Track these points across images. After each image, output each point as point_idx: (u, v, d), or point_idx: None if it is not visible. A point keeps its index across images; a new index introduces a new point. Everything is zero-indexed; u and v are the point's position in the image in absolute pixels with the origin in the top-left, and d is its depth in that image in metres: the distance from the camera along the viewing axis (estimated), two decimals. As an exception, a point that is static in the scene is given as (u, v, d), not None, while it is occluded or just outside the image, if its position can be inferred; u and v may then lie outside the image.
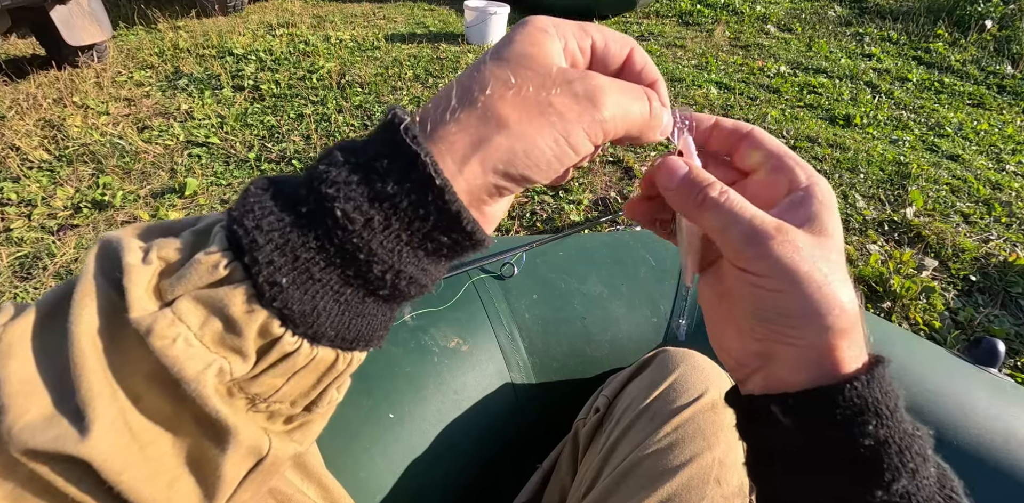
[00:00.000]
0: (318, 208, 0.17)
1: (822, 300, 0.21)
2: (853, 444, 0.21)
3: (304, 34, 2.98)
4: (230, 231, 0.18)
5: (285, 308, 0.18)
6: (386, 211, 0.18)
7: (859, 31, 3.70)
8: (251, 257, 0.17)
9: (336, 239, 0.17)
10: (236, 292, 0.17)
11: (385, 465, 0.52)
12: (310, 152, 1.88)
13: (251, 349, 0.18)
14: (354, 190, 0.17)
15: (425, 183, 0.17)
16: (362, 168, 0.18)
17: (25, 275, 1.32)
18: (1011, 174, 2.13)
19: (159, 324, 0.17)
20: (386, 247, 0.18)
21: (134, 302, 0.17)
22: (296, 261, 0.17)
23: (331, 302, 0.18)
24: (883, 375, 0.22)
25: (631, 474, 0.47)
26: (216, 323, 0.17)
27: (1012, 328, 1.38)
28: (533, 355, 0.64)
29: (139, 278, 0.17)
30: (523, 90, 0.19)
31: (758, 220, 0.22)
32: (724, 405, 0.50)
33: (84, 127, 1.96)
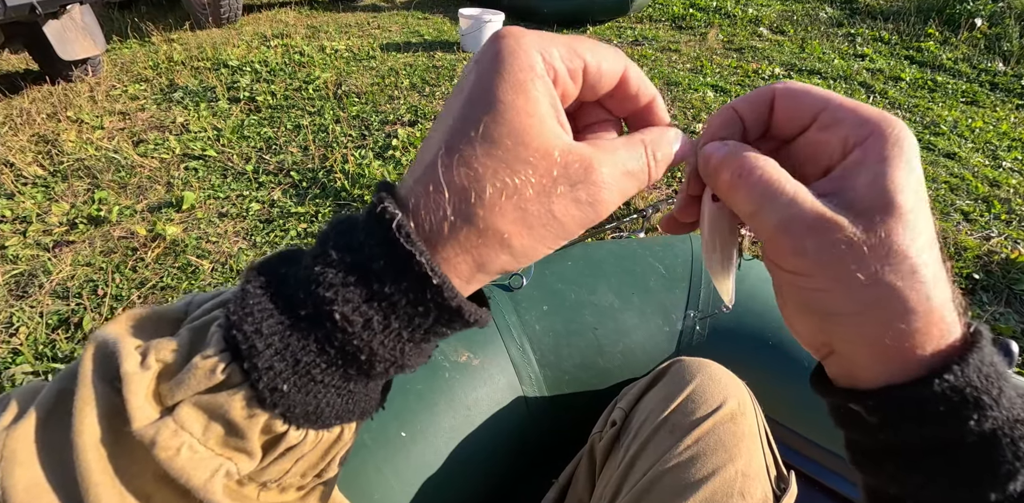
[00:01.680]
0: (316, 311, 0.17)
1: (879, 298, 0.18)
2: (954, 441, 0.18)
3: (299, 45, 2.98)
4: (228, 334, 0.18)
5: (287, 412, 0.18)
6: (385, 311, 0.17)
7: (851, 32, 3.74)
8: (251, 363, 0.17)
9: (336, 342, 0.17)
10: (235, 397, 0.17)
11: (399, 485, 0.51)
12: (308, 163, 1.87)
13: (256, 448, 0.18)
14: (351, 292, 0.17)
15: (422, 283, 0.17)
16: (358, 269, 0.17)
17: (21, 293, 1.30)
18: (1008, 171, 2.14)
19: (162, 435, 0.17)
20: (387, 346, 0.18)
21: (135, 412, 0.17)
22: (297, 365, 0.17)
23: (334, 397, 0.19)
24: (981, 358, 0.18)
25: (652, 490, 0.46)
26: (218, 428, 0.17)
27: (1018, 325, 1.38)
28: (545, 368, 0.63)
29: (138, 387, 0.17)
30: (524, 196, 0.17)
31: (797, 206, 0.19)
32: (743, 415, 0.50)
33: (79, 142, 1.95)
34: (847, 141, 0.20)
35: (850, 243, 0.18)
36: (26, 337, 1.18)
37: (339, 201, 1.69)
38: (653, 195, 1.80)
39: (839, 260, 0.18)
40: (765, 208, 0.19)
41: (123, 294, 1.31)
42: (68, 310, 1.26)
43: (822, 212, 0.19)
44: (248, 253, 1.48)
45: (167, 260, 1.43)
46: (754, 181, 0.20)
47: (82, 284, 1.34)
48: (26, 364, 1.12)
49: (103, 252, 1.45)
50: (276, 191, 1.74)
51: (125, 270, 1.38)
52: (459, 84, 0.19)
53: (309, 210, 1.65)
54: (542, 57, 0.18)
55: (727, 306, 0.28)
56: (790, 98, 0.22)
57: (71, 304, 1.28)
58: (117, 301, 1.30)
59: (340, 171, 1.78)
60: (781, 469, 0.49)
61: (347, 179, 1.75)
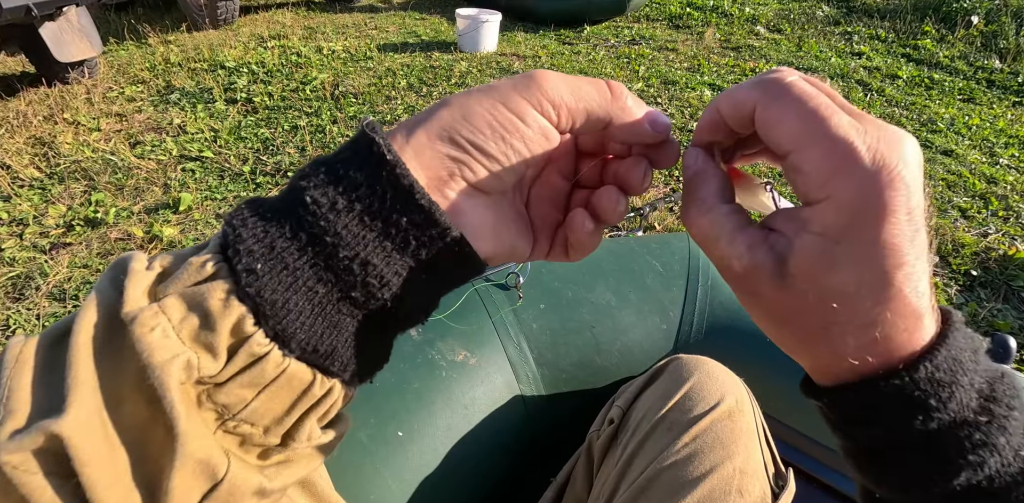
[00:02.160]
0: (293, 198, 0.19)
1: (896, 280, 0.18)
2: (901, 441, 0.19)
3: (296, 46, 2.98)
4: (222, 233, 0.20)
5: (259, 296, 0.18)
6: (348, 194, 0.19)
7: (848, 30, 3.74)
8: (234, 248, 0.19)
9: (306, 224, 0.19)
10: (216, 286, 0.18)
11: (396, 485, 0.51)
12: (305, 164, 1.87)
13: (222, 346, 0.18)
14: (321, 177, 0.19)
15: (379, 162, 0.19)
16: (330, 161, 0.20)
17: (18, 296, 1.30)
18: (1005, 167, 2.14)
19: (143, 314, 0.18)
20: (351, 231, 0.19)
21: (129, 300, 0.18)
22: (272, 250, 0.19)
23: (303, 300, 0.19)
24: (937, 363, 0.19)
25: (650, 488, 0.45)
26: (194, 319, 0.18)
27: (1016, 321, 1.38)
28: (542, 366, 0.62)
29: (138, 281, 0.19)
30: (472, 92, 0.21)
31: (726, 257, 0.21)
32: (741, 412, 0.49)
33: (75, 144, 1.94)
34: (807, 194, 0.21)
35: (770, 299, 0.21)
36: (23, 339, 1.18)
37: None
38: (651, 194, 1.79)
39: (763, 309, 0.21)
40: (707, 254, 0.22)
41: (120, 296, 1.31)
42: (65, 312, 1.26)
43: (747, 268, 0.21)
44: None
45: (164, 262, 1.43)
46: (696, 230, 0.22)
47: (79, 286, 1.33)
48: (23, 367, 1.11)
49: (100, 254, 1.45)
50: (273, 192, 1.74)
51: (122, 272, 1.38)
52: None
53: (306, 211, 1.65)
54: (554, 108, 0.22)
55: None
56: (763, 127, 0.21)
57: (68, 306, 1.28)
58: (114, 303, 1.30)
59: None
60: (779, 466, 0.49)
61: (344, 179, 1.75)
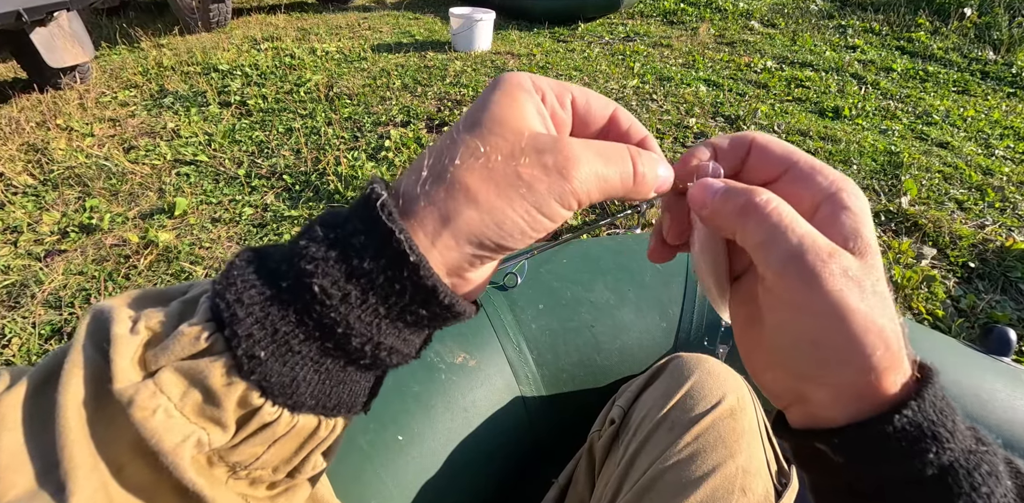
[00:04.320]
0: (297, 283, 0.18)
1: (867, 339, 0.19)
2: (914, 477, 0.19)
3: (289, 47, 2.97)
4: (213, 303, 0.18)
5: (264, 381, 0.18)
6: (363, 286, 0.18)
7: (842, 24, 3.74)
8: (231, 330, 0.18)
9: (314, 314, 0.18)
10: (216, 364, 0.18)
11: (397, 490, 0.50)
12: (301, 166, 1.86)
13: (230, 420, 0.18)
14: (332, 266, 0.18)
15: (400, 259, 0.18)
16: (340, 244, 0.18)
17: (13, 304, 1.29)
18: (1000, 159, 2.14)
19: (140, 395, 0.17)
20: (364, 321, 0.18)
21: (118, 373, 0.17)
22: (275, 334, 0.18)
23: (311, 373, 0.19)
24: (935, 393, 0.19)
25: (653, 488, 0.45)
26: (196, 394, 0.18)
27: (1014, 313, 1.38)
28: (542, 367, 0.62)
29: (125, 349, 0.18)
30: (492, 160, 0.19)
31: (809, 239, 0.19)
32: (743, 411, 0.49)
33: (69, 150, 1.93)
34: (816, 196, 0.22)
35: (853, 276, 0.19)
36: (19, 348, 1.17)
37: (332, 203, 1.68)
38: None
39: (847, 294, 0.19)
40: (779, 237, 0.20)
41: (117, 302, 1.30)
42: (61, 320, 1.25)
43: (835, 246, 0.20)
44: (242, 258, 1.48)
45: (160, 267, 1.42)
46: (770, 211, 0.20)
47: (75, 293, 1.32)
48: (20, 375, 1.11)
49: (95, 260, 1.44)
50: (269, 195, 1.73)
51: (118, 278, 1.37)
52: None
53: (303, 213, 1.64)
54: (533, 82, 0.21)
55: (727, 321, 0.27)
56: (765, 151, 0.24)
57: (64, 314, 1.27)
58: (111, 309, 1.29)
59: (333, 173, 1.77)
60: (782, 464, 0.48)
61: (340, 181, 1.74)
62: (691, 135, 2.15)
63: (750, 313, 0.24)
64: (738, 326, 0.25)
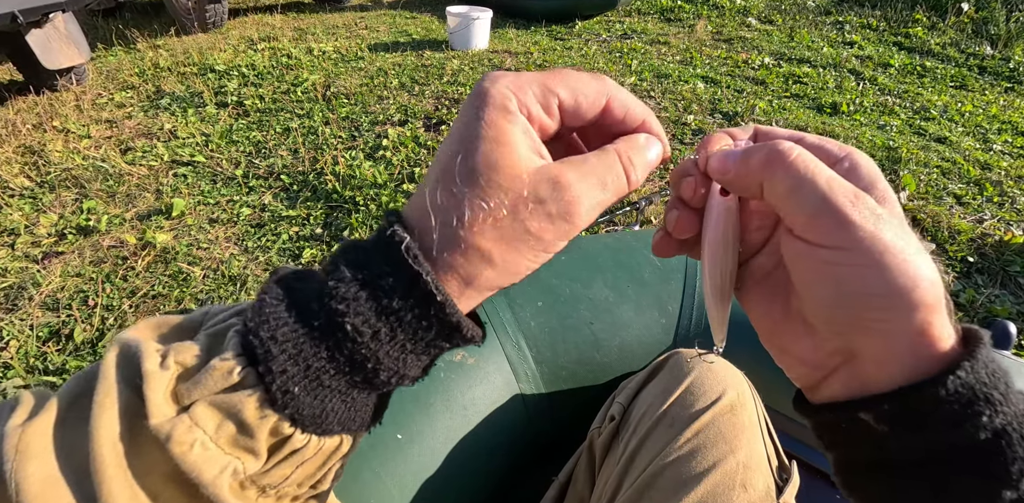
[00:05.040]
0: (329, 322, 0.19)
1: (908, 272, 0.18)
2: (967, 442, 0.18)
3: (286, 47, 2.96)
4: (245, 339, 0.19)
5: (296, 413, 0.19)
6: (392, 324, 0.19)
7: (839, 20, 3.74)
8: (266, 366, 0.18)
9: (346, 350, 0.19)
10: (249, 398, 0.18)
11: (396, 489, 0.50)
12: (298, 166, 1.86)
13: (263, 448, 0.19)
14: (362, 305, 0.19)
15: (427, 299, 0.19)
16: (369, 285, 0.19)
17: (11, 306, 1.29)
18: (998, 153, 2.14)
19: (177, 430, 0.18)
20: (392, 356, 0.19)
21: (153, 409, 0.18)
22: (308, 370, 0.19)
23: (339, 403, 0.20)
24: (986, 354, 0.18)
25: (653, 485, 0.45)
26: (230, 426, 0.19)
27: (1014, 307, 1.38)
28: (541, 364, 0.62)
29: (158, 384, 0.18)
30: (498, 218, 0.19)
31: (836, 182, 0.20)
32: (743, 406, 0.49)
33: (66, 151, 1.92)
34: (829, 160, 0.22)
35: (880, 215, 0.19)
36: (16, 350, 1.17)
37: (330, 203, 1.67)
38: (646, 188, 1.79)
39: (881, 230, 0.19)
40: (807, 182, 0.20)
41: (114, 304, 1.30)
42: (58, 322, 1.25)
43: (857, 188, 0.20)
44: (240, 258, 1.47)
45: (158, 268, 1.42)
46: (795, 158, 0.20)
47: (72, 295, 1.32)
48: (17, 378, 1.10)
49: (93, 262, 1.43)
50: (267, 195, 1.72)
51: (116, 279, 1.37)
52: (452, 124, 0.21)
53: (301, 213, 1.64)
54: (516, 98, 0.20)
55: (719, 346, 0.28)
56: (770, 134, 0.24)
57: (61, 316, 1.26)
58: (108, 311, 1.28)
59: (331, 173, 1.77)
60: (783, 459, 0.48)
61: (338, 181, 1.74)
62: (689, 132, 2.15)
63: (770, 289, 0.24)
64: (757, 308, 0.25)
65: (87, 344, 1.20)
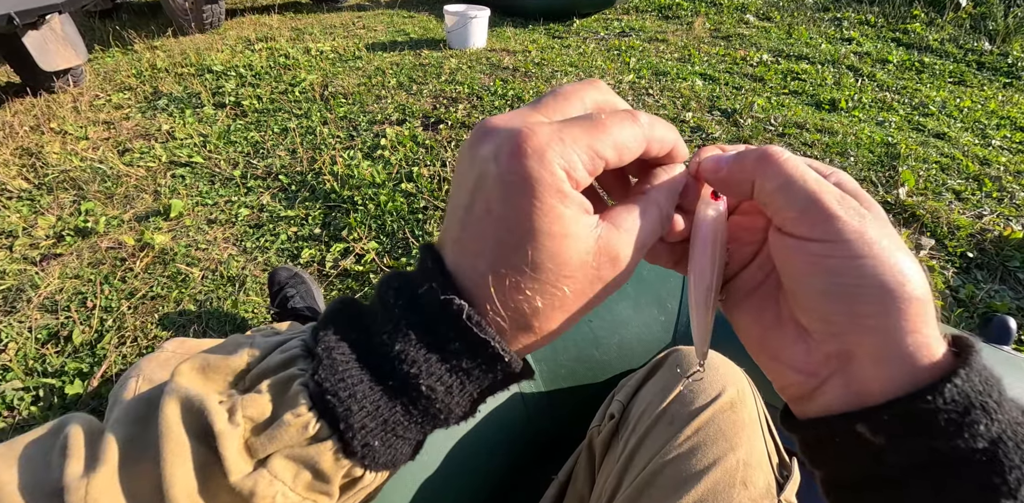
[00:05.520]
0: (403, 384, 0.20)
1: (898, 267, 0.19)
2: (964, 451, 0.18)
3: (284, 47, 2.95)
4: (316, 393, 0.20)
5: (373, 463, 0.20)
6: (462, 379, 0.20)
7: (837, 16, 3.73)
8: (346, 424, 0.19)
9: (420, 405, 0.20)
10: (325, 450, 0.20)
11: (395, 488, 0.50)
12: (296, 166, 1.85)
13: (336, 489, 0.21)
14: (433, 367, 0.20)
15: (494, 359, 0.20)
16: (437, 349, 0.20)
17: (9, 308, 1.29)
18: (997, 149, 2.14)
19: (260, 486, 0.19)
20: (462, 405, 0.21)
21: (231, 466, 0.19)
22: (386, 424, 0.20)
23: (408, 448, 0.22)
24: (980, 361, 0.19)
25: (653, 483, 0.45)
26: (307, 475, 0.20)
27: (1013, 302, 1.38)
28: (540, 363, 0.62)
29: (231, 443, 0.19)
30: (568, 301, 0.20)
31: (824, 183, 0.21)
32: (743, 403, 0.49)
33: (63, 153, 1.92)
34: None
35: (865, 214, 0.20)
36: (15, 353, 1.17)
37: (329, 203, 1.67)
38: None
39: (867, 226, 0.20)
40: (797, 180, 0.21)
41: (112, 306, 1.30)
42: (57, 324, 1.25)
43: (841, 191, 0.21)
44: (238, 259, 1.47)
45: (156, 269, 1.41)
46: (786, 158, 0.22)
47: (71, 297, 1.32)
48: (16, 380, 1.10)
49: (91, 264, 1.43)
50: (265, 195, 1.72)
51: (114, 281, 1.36)
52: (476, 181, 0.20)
53: (299, 213, 1.63)
54: (567, 176, 0.19)
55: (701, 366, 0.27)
56: None
57: (60, 318, 1.26)
58: (107, 313, 1.28)
59: (329, 173, 1.76)
60: (783, 456, 0.48)
61: (336, 181, 1.74)
62: (688, 129, 2.14)
63: (760, 299, 0.24)
64: (746, 317, 0.25)
65: (86, 346, 1.20)
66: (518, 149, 0.18)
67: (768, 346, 0.23)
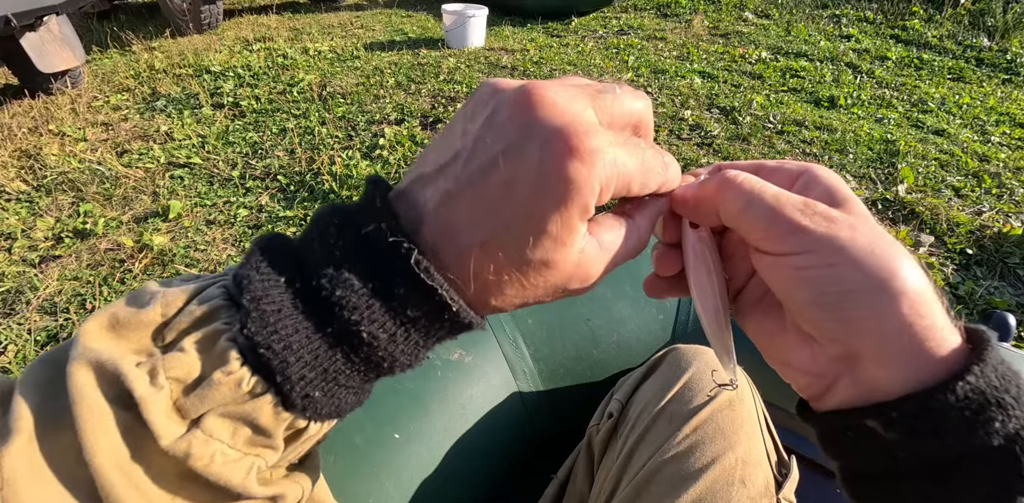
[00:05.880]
0: (344, 330, 0.19)
1: (880, 264, 0.19)
2: (979, 448, 0.18)
3: (282, 48, 2.95)
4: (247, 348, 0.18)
5: (315, 414, 0.20)
6: (407, 327, 0.19)
7: (836, 13, 3.73)
8: (283, 376, 0.18)
9: (362, 353, 0.19)
10: (263, 405, 0.19)
11: (395, 489, 0.50)
12: (295, 166, 1.85)
13: (279, 442, 0.20)
14: (376, 313, 0.19)
15: (441, 308, 0.19)
16: (381, 295, 0.19)
17: (8, 311, 1.29)
18: (996, 145, 2.14)
19: (195, 447, 0.18)
20: (406, 353, 0.20)
21: (161, 430, 0.18)
22: (325, 373, 0.19)
23: (351, 396, 0.21)
24: (995, 356, 0.18)
25: (652, 481, 0.45)
26: (245, 430, 0.19)
27: (1013, 299, 1.38)
28: (539, 362, 0.62)
29: (157, 406, 0.18)
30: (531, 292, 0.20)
31: (783, 196, 0.21)
32: (741, 401, 0.49)
33: (62, 155, 1.92)
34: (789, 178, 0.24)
35: (835, 217, 0.20)
36: (14, 355, 1.17)
37: (327, 203, 1.67)
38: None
39: (836, 230, 0.20)
40: (755, 200, 0.21)
41: (113, 307, 1.30)
42: (56, 326, 1.25)
43: (805, 198, 0.21)
44: (237, 260, 1.47)
45: (155, 270, 1.41)
46: (741, 180, 0.22)
47: (70, 299, 1.32)
48: (17, 381, 1.10)
49: (90, 265, 1.43)
50: (264, 196, 1.72)
51: (113, 282, 1.36)
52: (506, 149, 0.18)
53: (298, 214, 1.63)
54: (601, 192, 0.19)
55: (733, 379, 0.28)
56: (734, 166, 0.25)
57: (59, 320, 1.26)
58: (107, 314, 1.28)
59: (327, 173, 1.76)
60: (782, 454, 0.48)
61: (335, 181, 1.74)
62: (686, 127, 2.14)
63: (764, 308, 0.25)
64: (755, 327, 0.25)
65: (86, 347, 1.20)
66: (574, 150, 0.18)
67: (777, 352, 0.24)
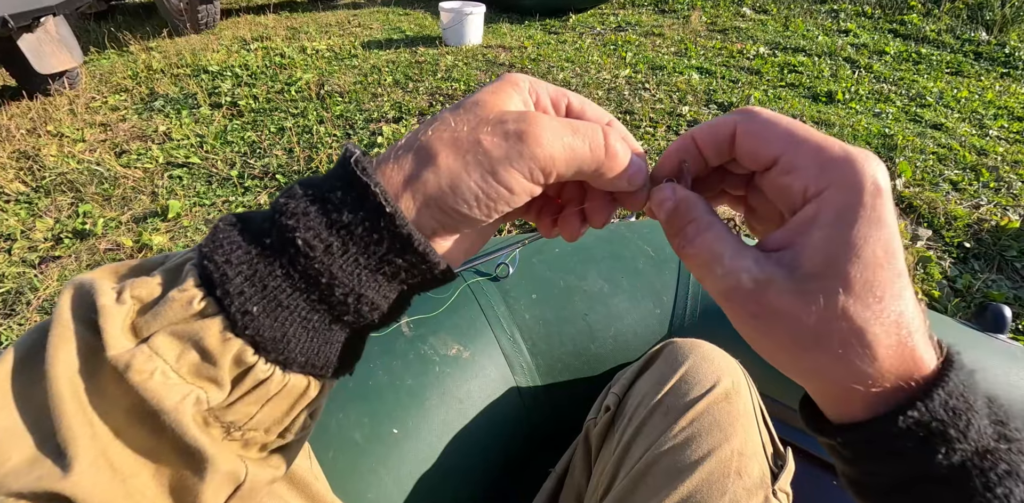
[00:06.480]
0: (281, 238, 0.19)
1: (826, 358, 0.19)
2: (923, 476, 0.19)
3: (279, 47, 2.95)
4: (201, 267, 0.19)
5: (257, 335, 0.19)
6: (343, 237, 0.19)
7: (834, 8, 3.71)
8: (223, 289, 0.18)
9: (299, 265, 0.19)
10: (211, 323, 0.18)
11: (394, 484, 0.50)
12: (293, 165, 1.85)
13: (226, 378, 0.19)
14: (312, 219, 0.18)
15: (377, 210, 0.19)
16: (319, 199, 0.19)
17: (8, 311, 1.29)
18: (995, 139, 2.14)
19: (137, 360, 0.17)
20: (346, 271, 0.19)
21: (110, 341, 0.17)
22: (265, 289, 0.19)
23: (300, 328, 0.19)
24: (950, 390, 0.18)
25: (649, 474, 0.45)
26: (192, 355, 0.18)
27: (1010, 291, 1.38)
28: (537, 357, 0.62)
29: (114, 318, 0.18)
30: (458, 129, 0.20)
31: (732, 278, 0.20)
32: (738, 394, 0.49)
33: (60, 156, 1.92)
34: (806, 190, 0.19)
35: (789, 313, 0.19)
36: (18, 354, 1.17)
37: (327, 202, 1.68)
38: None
39: (782, 328, 0.19)
40: (707, 278, 0.21)
41: (114, 306, 1.30)
42: (59, 325, 1.25)
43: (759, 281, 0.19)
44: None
45: (156, 270, 1.42)
46: (695, 251, 0.21)
47: (71, 298, 1.32)
48: (19, 381, 1.11)
49: (89, 266, 1.43)
50: (262, 195, 1.72)
51: (114, 282, 1.37)
52: None
53: (297, 213, 1.64)
54: (530, 84, 0.22)
55: None
56: (750, 137, 0.21)
57: (61, 319, 1.27)
58: (108, 314, 1.28)
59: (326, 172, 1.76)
60: (778, 446, 0.48)
61: (334, 180, 1.74)
62: (684, 123, 2.14)
63: None
64: None
65: (87, 347, 1.21)
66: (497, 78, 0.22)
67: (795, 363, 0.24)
